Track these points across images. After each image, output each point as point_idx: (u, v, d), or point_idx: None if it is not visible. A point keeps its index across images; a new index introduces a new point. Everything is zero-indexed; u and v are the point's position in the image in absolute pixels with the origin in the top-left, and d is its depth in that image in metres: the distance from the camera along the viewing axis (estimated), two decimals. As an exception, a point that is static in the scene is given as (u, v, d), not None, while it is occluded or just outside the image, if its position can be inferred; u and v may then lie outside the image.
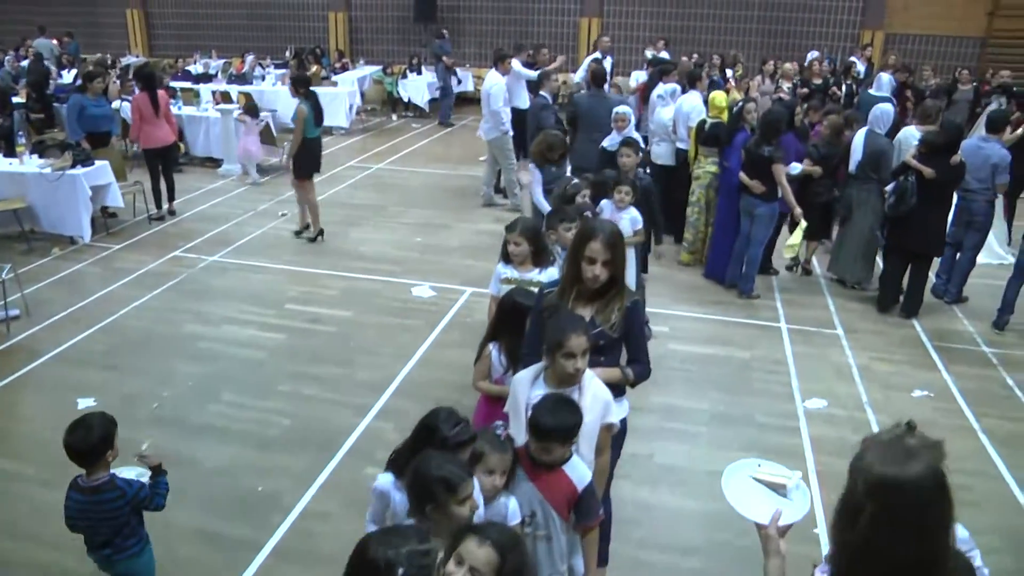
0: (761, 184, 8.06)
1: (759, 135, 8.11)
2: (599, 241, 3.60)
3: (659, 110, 10.13)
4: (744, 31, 19.74)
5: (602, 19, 20.33)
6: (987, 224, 8.47)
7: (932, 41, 18.83)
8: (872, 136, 8.43)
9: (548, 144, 7.72)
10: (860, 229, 8.64)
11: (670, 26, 19.93)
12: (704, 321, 8.06)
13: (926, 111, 8.65)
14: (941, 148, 7.71)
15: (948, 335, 7.99)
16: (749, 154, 8.12)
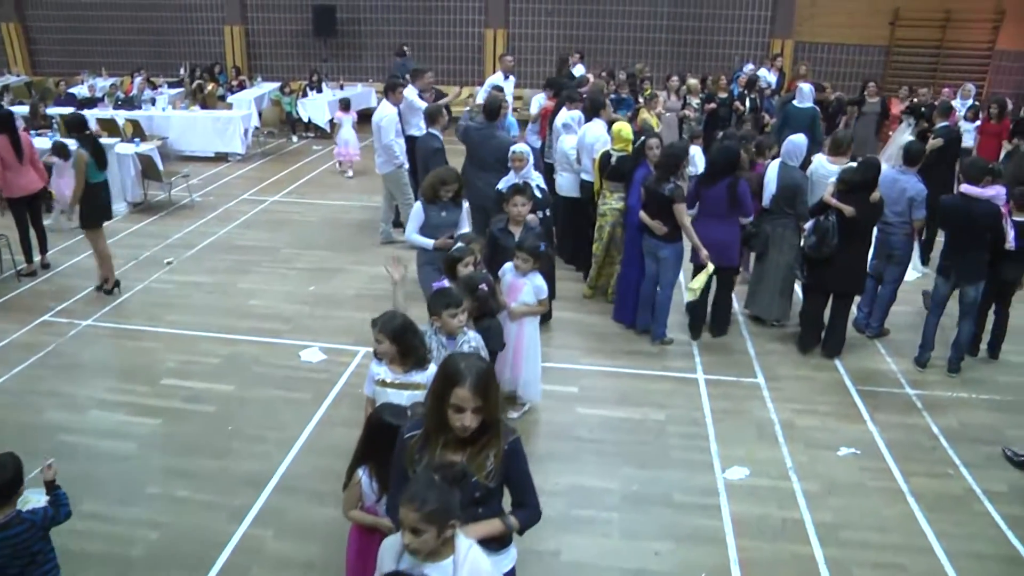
0: (663, 224, 7.60)
1: (659, 171, 7.65)
2: (467, 387, 3.04)
3: (562, 138, 9.65)
4: (654, 41, 19.48)
5: (508, 30, 19.85)
6: (907, 257, 8.22)
7: (840, 50, 18.94)
8: (785, 169, 8.07)
9: (440, 179, 7.08)
10: (777, 265, 8.29)
11: (579, 36, 19.54)
12: (616, 376, 7.57)
13: (838, 142, 8.31)
14: (860, 185, 7.37)
15: (872, 376, 7.71)
16: (649, 192, 7.66)
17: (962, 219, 7.33)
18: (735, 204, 7.69)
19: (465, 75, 19.94)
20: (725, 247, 7.87)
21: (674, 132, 13.93)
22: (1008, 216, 7.34)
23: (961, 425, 6.94)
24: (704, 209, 7.88)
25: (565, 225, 9.78)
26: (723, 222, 7.80)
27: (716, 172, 7.75)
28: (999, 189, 7.33)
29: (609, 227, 8.59)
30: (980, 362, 8.09)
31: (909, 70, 18.54)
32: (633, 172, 8.10)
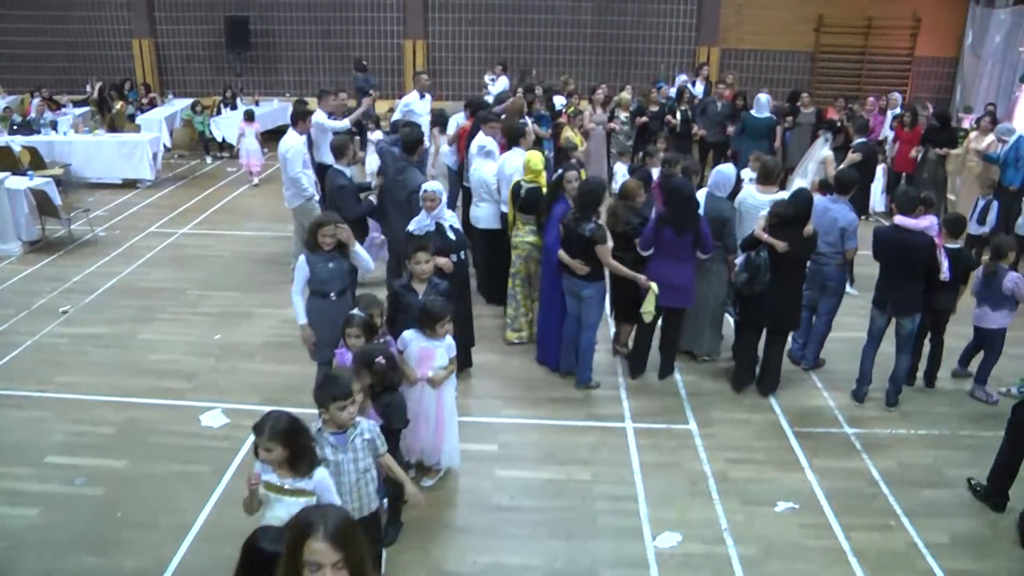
0: (584, 264, 7.22)
1: (577, 209, 7.25)
2: (322, 539, 2.59)
3: (478, 165, 9.25)
4: (579, 50, 19.21)
5: (427, 41, 19.37)
6: (841, 288, 8.01)
7: (766, 56, 18.94)
8: (712, 200, 7.78)
9: (317, 224, 6.40)
10: (706, 298, 8.01)
11: (501, 46, 19.19)
12: (539, 429, 7.16)
13: (767, 171, 8.01)
14: (792, 219, 7.09)
15: (809, 415, 7.46)
16: (568, 231, 7.28)
17: (896, 251, 7.12)
18: (698, 243, 7.39)
19: (384, 88, 19.32)
20: (683, 289, 7.55)
21: (602, 147, 13.66)
22: (941, 246, 7.15)
23: (901, 467, 6.72)
24: (662, 250, 7.47)
25: (485, 259, 9.38)
26: (682, 263, 7.46)
27: (682, 212, 7.35)
28: (932, 219, 7.18)
29: (521, 261, 8.22)
30: (917, 392, 7.94)
31: (835, 76, 18.73)
32: (549, 206, 7.71)
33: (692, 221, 7.26)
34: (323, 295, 6.44)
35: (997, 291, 7.31)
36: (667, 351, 7.94)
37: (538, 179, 8.08)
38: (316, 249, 6.34)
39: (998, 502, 6.22)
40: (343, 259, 6.43)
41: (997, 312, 7.45)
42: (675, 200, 7.34)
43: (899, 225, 7.10)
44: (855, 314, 8.94)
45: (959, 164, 12.79)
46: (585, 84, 17.45)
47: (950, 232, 7.45)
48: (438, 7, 19.19)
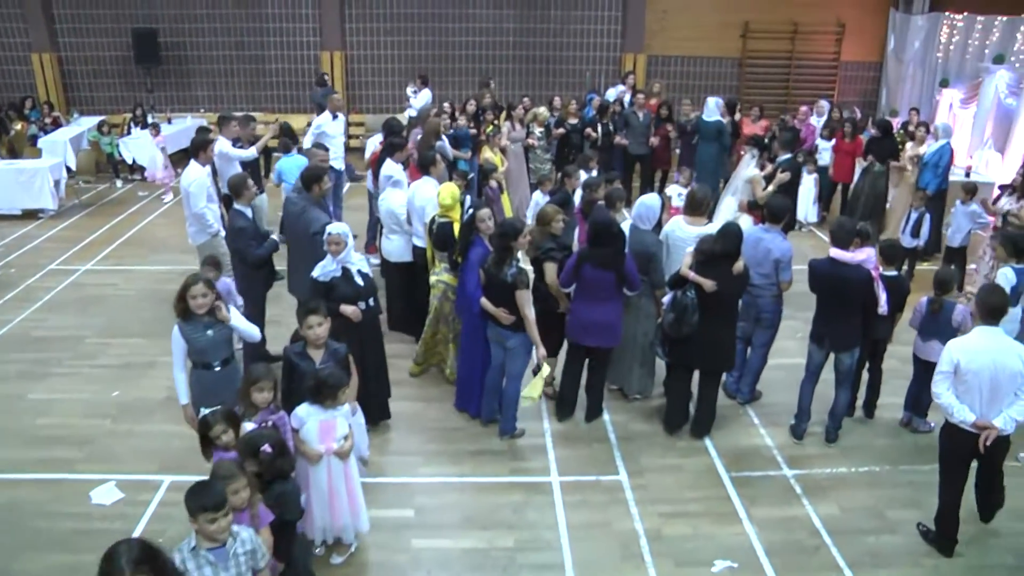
0: (509, 313, 6.80)
1: (496, 252, 6.82)
2: None
3: (387, 195, 8.82)
4: (501, 59, 18.88)
5: (345, 52, 18.82)
6: (776, 320, 7.72)
7: (693, 62, 18.88)
8: (637, 234, 7.42)
9: (184, 287, 5.71)
10: (634, 336, 7.67)
11: (422, 57, 18.77)
12: (460, 489, 6.72)
13: (695, 202, 7.65)
14: (720, 256, 6.75)
15: (746, 457, 7.18)
16: (488, 276, 6.86)
17: (832, 285, 6.87)
18: (624, 283, 7.01)
19: (301, 101, 18.83)
20: (609, 328, 7.19)
21: (522, 165, 13.25)
22: (880, 280, 6.92)
23: (843, 512, 6.47)
24: (584, 288, 7.10)
25: (399, 295, 8.93)
26: (606, 301, 7.08)
27: (604, 246, 6.96)
28: (869, 252, 6.91)
29: (436, 301, 7.81)
30: (856, 423, 7.74)
31: (763, 81, 18.77)
32: (465, 249, 7.28)
33: (616, 259, 6.90)
34: (206, 366, 5.87)
35: (945, 325, 7.08)
36: (593, 393, 7.60)
37: (450, 213, 7.65)
38: (189, 316, 5.75)
39: (944, 545, 6.00)
40: (220, 326, 5.85)
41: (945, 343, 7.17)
42: (598, 237, 6.96)
43: (835, 259, 6.82)
44: (791, 338, 8.73)
45: (898, 177, 12.75)
46: (510, 95, 17.21)
47: (886, 259, 7.21)
48: (355, 17, 18.67)
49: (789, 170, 9.88)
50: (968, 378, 5.49)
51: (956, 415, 5.55)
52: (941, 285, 7.09)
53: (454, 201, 7.68)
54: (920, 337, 7.33)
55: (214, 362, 5.86)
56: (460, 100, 16.38)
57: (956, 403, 5.54)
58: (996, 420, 5.49)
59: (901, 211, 12.38)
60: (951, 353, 5.55)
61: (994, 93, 14.52)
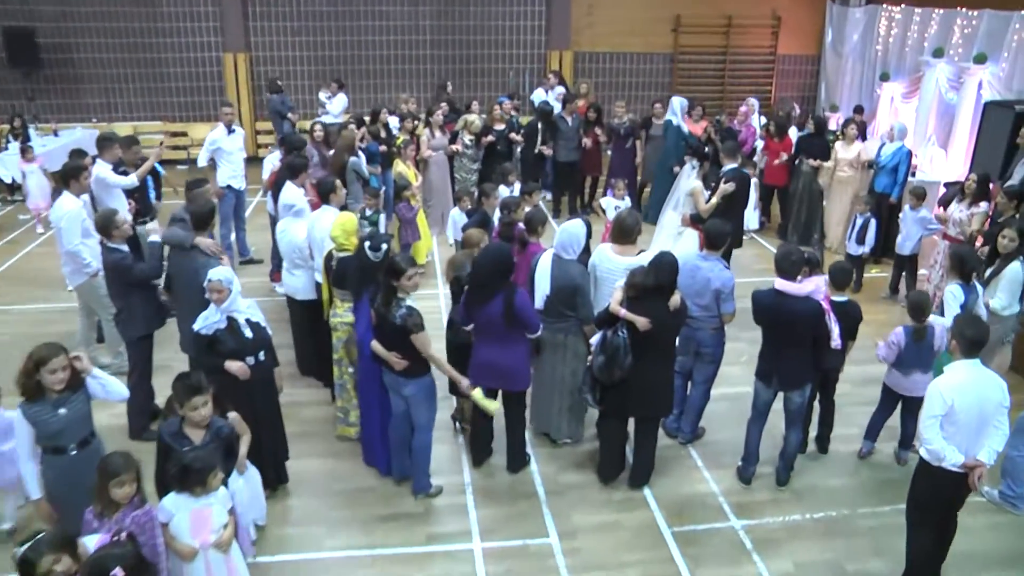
0: (401, 357, 6.13)
1: (382, 291, 6.15)
2: None
3: (287, 223, 8.15)
4: (418, 59, 18.22)
5: (249, 53, 17.95)
6: (718, 354, 7.24)
7: (623, 59, 18.54)
8: (560, 265, 6.82)
9: (33, 361, 4.92)
10: (562, 378, 7.09)
11: (332, 58, 18.04)
12: (370, 564, 5.99)
13: (624, 228, 7.06)
14: (654, 289, 6.20)
15: (689, 507, 6.67)
16: (379, 317, 6.17)
17: (779, 319, 6.37)
18: (513, 322, 6.35)
19: (204, 108, 17.96)
20: (511, 372, 6.60)
21: (445, 177, 12.66)
22: (831, 311, 6.44)
23: (798, 568, 6.01)
24: (479, 328, 6.55)
25: (304, 337, 8.27)
26: (505, 342, 6.48)
27: (484, 283, 6.35)
28: (818, 281, 6.40)
29: (343, 345, 7.13)
30: (809, 460, 7.33)
31: (698, 77, 18.54)
32: (359, 287, 6.60)
33: (500, 298, 6.30)
34: (58, 450, 5.10)
35: (927, 352, 6.73)
36: (513, 438, 7.01)
37: (347, 246, 6.98)
38: (37, 396, 4.98)
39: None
40: (78, 395, 5.10)
41: (928, 375, 6.79)
42: (477, 273, 6.40)
43: (780, 291, 6.30)
44: (735, 363, 8.30)
45: (829, 176, 12.45)
46: (428, 97, 16.57)
47: (836, 284, 6.78)
48: (259, 15, 17.82)
49: (735, 180, 9.35)
50: (960, 417, 5.14)
51: (948, 460, 5.18)
52: (918, 310, 6.68)
53: (347, 234, 6.99)
54: (898, 369, 6.92)
55: (69, 445, 5.10)
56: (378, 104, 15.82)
57: (948, 447, 5.17)
58: (981, 455, 5.18)
59: (839, 211, 12.28)
60: (943, 394, 5.13)
61: (935, 87, 14.32)
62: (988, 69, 13.13)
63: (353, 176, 10.30)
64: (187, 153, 17.12)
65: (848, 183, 12.12)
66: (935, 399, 5.14)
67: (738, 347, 8.38)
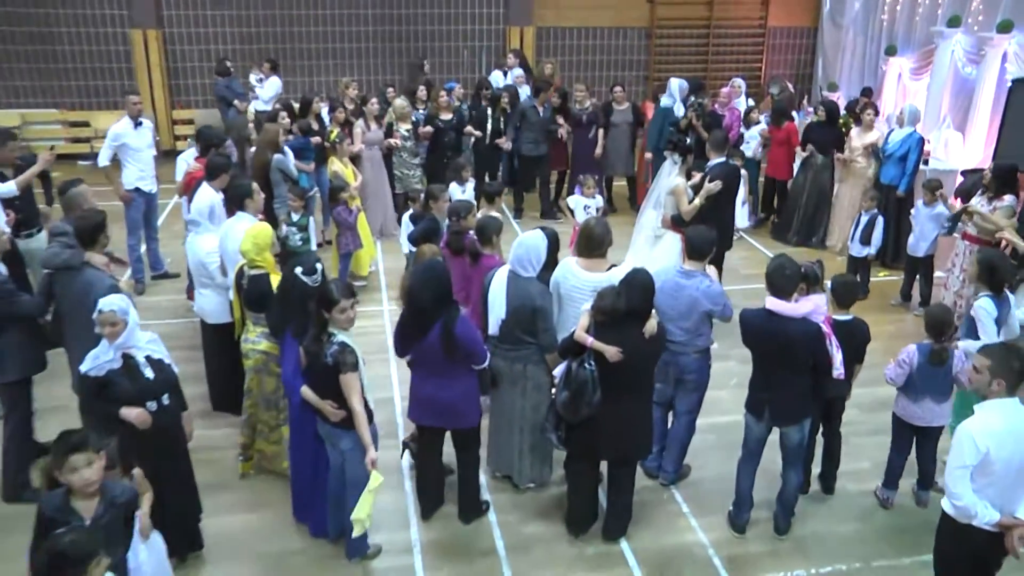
0: (337, 407, 5.83)
1: (313, 328, 5.81)
2: None
3: (195, 235, 7.88)
4: (360, 36, 17.97)
5: (162, 30, 17.53)
6: (704, 380, 7.05)
7: (592, 34, 18.47)
8: (517, 284, 6.56)
9: None
10: (521, 411, 6.85)
11: (261, 35, 17.74)
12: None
13: (594, 239, 6.73)
14: (626, 314, 5.96)
15: (674, 564, 6.46)
16: (309, 356, 5.86)
17: (771, 344, 6.15)
18: (454, 354, 6.09)
19: (109, 93, 17.57)
20: (455, 409, 6.36)
21: (381, 172, 12.51)
22: (832, 335, 6.23)
23: (802, 642, 5.81)
24: (416, 360, 6.31)
25: (219, 365, 7.97)
26: (448, 375, 6.22)
27: (419, 309, 6.08)
28: (817, 300, 6.17)
29: (254, 375, 6.85)
30: (813, 503, 7.15)
31: (677, 55, 18.50)
32: (280, 323, 6.32)
33: (438, 326, 6.05)
34: None
35: (944, 378, 6.54)
36: (465, 486, 6.78)
37: (261, 263, 6.71)
38: None
39: None
40: None
41: (943, 404, 6.65)
42: (410, 298, 6.15)
43: (773, 311, 6.07)
44: (724, 386, 8.15)
45: (844, 169, 12.39)
46: (373, 81, 16.52)
47: (839, 301, 6.62)
48: (172, -14, 17.45)
49: (721, 178, 9.15)
50: (996, 468, 4.84)
51: (980, 519, 4.91)
52: (938, 328, 6.49)
53: (259, 247, 6.67)
54: (907, 395, 6.72)
55: None
56: (315, 89, 15.58)
57: (980, 503, 4.90)
58: (1021, 512, 4.93)
59: (849, 210, 12.14)
60: (976, 441, 4.81)
61: (950, 61, 14.26)
62: (1015, 39, 13.00)
63: (279, 176, 10.03)
64: (90, 146, 16.62)
65: (862, 175, 12.06)
66: (966, 446, 4.84)
67: (727, 368, 8.21)
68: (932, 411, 6.59)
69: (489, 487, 7.16)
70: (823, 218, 12.60)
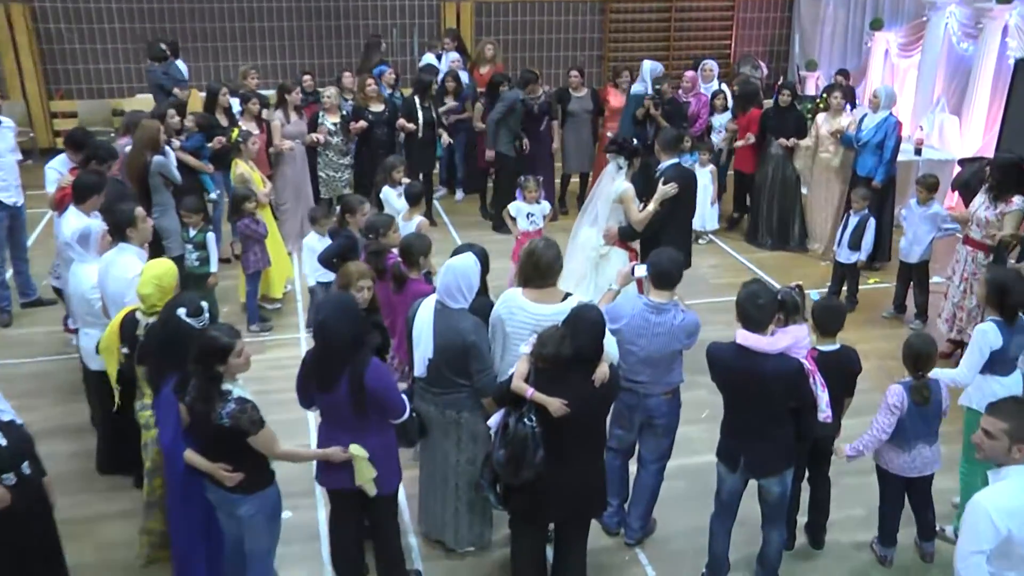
0: (233, 469, 5.62)
1: (197, 381, 5.55)
2: None
3: (77, 265, 7.64)
4: (272, 14, 17.79)
5: (31, 5, 16.93)
6: (674, 424, 6.94)
7: (538, 10, 18.52)
8: (446, 317, 6.38)
9: None
10: (454, 466, 6.73)
11: (153, 12, 17.40)
12: None
13: (540, 265, 6.42)
14: (572, 361, 5.77)
15: (637, 641, 6.36)
16: (194, 416, 5.63)
17: (745, 385, 6.05)
18: (362, 408, 5.86)
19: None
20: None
21: (304, 173, 12.45)
22: (816, 372, 6.12)
23: None
24: (324, 413, 6.12)
25: (105, 417, 7.68)
26: (358, 431, 5.98)
27: (335, 350, 5.85)
28: (797, 333, 6.08)
29: (153, 445, 6.59)
30: (800, 559, 7.08)
31: (636, 32, 18.66)
32: (156, 377, 6.11)
33: (345, 376, 5.84)
34: None
35: (933, 416, 6.51)
36: (385, 555, 6.56)
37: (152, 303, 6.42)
38: None
39: None
40: None
41: (934, 447, 6.59)
42: (325, 333, 5.90)
43: (745, 347, 5.95)
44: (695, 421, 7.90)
45: (809, 157, 12.45)
46: (288, 67, 16.57)
47: (823, 330, 6.52)
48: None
49: (677, 180, 9.02)
50: (1017, 551, 4.61)
51: None
52: (919, 361, 6.42)
53: (163, 290, 6.35)
54: (895, 444, 6.61)
55: None
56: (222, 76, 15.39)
57: None
58: None
59: (825, 203, 12.33)
60: (994, 521, 4.56)
61: (944, 35, 14.33)
62: (1016, 10, 13.03)
63: (159, 181, 9.78)
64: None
65: (834, 167, 12.14)
66: (982, 527, 4.58)
67: (697, 398, 7.95)
68: (924, 458, 6.52)
69: (421, 553, 7.04)
70: (794, 216, 12.67)
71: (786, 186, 12.50)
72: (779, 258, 12.27)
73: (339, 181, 12.52)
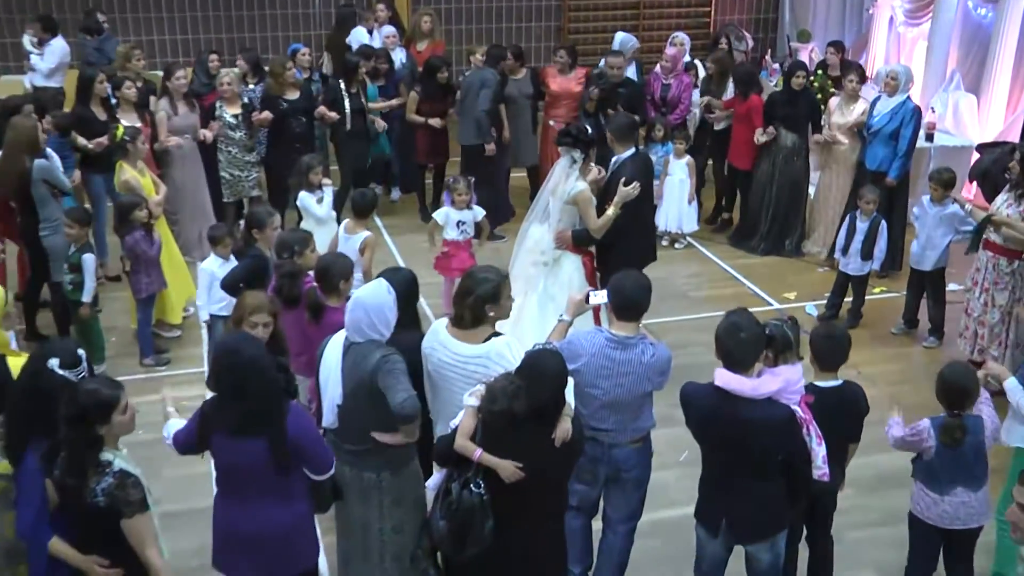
0: (107, 564, 5.39)
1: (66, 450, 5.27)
2: None
3: None
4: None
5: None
6: (645, 476, 6.81)
7: None
8: (356, 355, 6.12)
9: None
10: (378, 535, 6.40)
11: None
12: None
13: (475, 310, 6.31)
14: (530, 416, 5.56)
15: None
16: (64, 493, 5.38)
17: (725, 435, 5.90)
18: (289, 465, 5.63)
19: None
20: (286, 546, 5.90)
21: (199, 174, 12.21)
22: (811, 421, 5.93)
23: None
24: (223, 475, 5.88)
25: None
26: (273, 496, 5.78)
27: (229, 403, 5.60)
28: (789, 375, 5.89)
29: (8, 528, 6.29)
30: None
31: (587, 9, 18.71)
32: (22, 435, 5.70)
33: (265, 421, 5.58)
34: None
35: (974, 456, 6.35)
36: None
37: (10, 359, 6.27)
38: None
39: None
40: None
41: (980, 492, 6.41)
42: (220, 381, 5.69)
43: (725, 390, 5.79)
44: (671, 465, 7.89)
45: (824, 153, 12.45)
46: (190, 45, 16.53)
47: (823, 364, 6.38)
48: None
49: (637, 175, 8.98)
50: None
51: None
52: (957, 397, 6.27)
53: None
54: (929, 487, 6.47)
55: None
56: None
57: None
58: None
59: (836, 207, 12.19)
60: None
61: (958, 2, 14.23)
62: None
63: (44, 191, 9.60)
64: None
65: (845, 161, 12.10)
66: None
67: (673, 436, 7.65)
68: (967, 507, 6.34)
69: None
70: (797, 219, 12.62)
71: (793, 184, 12.44)
72: (771, 264, 12.22)
73: (246, 182, 12.29)
